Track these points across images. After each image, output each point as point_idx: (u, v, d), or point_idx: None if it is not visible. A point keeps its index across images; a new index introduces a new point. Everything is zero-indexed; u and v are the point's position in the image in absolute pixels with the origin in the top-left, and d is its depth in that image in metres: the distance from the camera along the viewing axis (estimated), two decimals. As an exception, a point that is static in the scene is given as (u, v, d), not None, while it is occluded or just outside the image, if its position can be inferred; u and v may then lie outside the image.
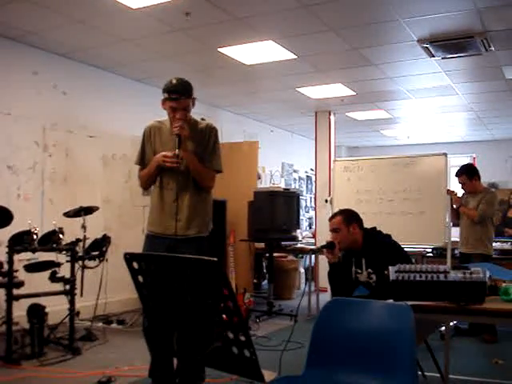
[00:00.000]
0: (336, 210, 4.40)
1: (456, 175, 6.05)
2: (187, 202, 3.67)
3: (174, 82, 3.64)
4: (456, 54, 6.34)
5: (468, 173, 5.99)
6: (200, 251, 3.63)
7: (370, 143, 13.87)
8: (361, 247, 3.85)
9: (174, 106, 3.60)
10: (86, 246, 5.44)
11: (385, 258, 3.46)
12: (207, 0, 5.00)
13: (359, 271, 3.83)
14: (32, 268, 5.12)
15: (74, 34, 5.98)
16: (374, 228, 3.98)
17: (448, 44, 6.01)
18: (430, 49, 6.17)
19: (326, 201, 7.25)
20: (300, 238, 8.64)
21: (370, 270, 3.76)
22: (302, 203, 12.18)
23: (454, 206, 6.12)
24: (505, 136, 12.24)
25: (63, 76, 6.77)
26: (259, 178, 9.89)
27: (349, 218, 3.88)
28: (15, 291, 4.74)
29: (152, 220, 3.78)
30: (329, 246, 3.86)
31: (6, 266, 4.72)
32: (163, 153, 3.62)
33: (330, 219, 3.98)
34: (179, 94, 3.60)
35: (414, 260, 5.36)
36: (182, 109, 3.62)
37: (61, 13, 5.34)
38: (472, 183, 5.96)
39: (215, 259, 1.83)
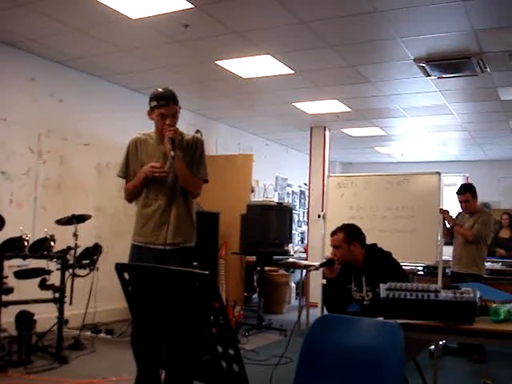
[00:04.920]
0: (329, 225, 4.39)
1: (459, 192, 6.00)
2: (176, 211, 3.65)
3: (161, 90, 3.66)
4: (452, 74, 6.38)
5: (472, 191, 5.99)
6: (186, 262, 3.66)
7: (363, 159, 13.93)
8: (361, 264, 3.84)
9: (164, 112, 3.60)
10: (77, 254, 5.42)
11: (384, 276, 3.42)
12: (206, 13, 5.03)
13: (356, 289, 3.82)
14: (22, 275, 5.08)
15: (73, 42, 5.99)
16: (375, 245, 3.96)
17: (444, 64, 6.06)
18: (427, 68, 6.21)
19: (319, 216, 7.26)
20: (292, 253, 8.62)
21: (368, 287, 3.76)
22: (295, 218, 12.18)
23: (448, 226, 6.13)
24: (498, 156, 12.32)
25: (60, 83, 6.77)
26: (253, 191, 9.89)
27: (350, 235, 3.86)
28: (4, 297, 4.70)
29: (139, 230, 3.75)
30: (328, 264, 3.85)
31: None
32: (151, 164, 3.61)
33: (332, 234, 3.94)
34: (168, 100, 3.61)
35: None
36: (171, 115, 3.63)
37: (60, 20, 5.35)
38: (473, 202, 5.96)
39: (207, 272, 1.82)
